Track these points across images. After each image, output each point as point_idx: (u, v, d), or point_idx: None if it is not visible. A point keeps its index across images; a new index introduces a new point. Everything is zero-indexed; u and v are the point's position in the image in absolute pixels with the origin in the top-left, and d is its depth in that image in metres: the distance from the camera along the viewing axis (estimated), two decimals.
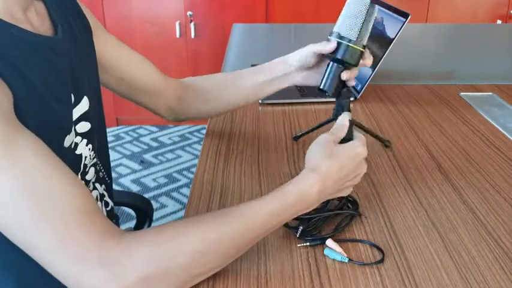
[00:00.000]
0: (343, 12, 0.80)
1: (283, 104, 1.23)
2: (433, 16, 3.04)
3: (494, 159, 0.96)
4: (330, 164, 0.68)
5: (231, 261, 0.64)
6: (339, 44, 0.79)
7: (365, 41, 0.79)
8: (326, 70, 0.81)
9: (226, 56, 1.67)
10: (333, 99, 1.24)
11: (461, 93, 1.31)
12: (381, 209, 0.79)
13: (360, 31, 0.78)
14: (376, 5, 0.81)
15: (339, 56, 0.79)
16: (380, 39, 1.25)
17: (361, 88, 1.25)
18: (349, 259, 0.67)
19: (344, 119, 0.76)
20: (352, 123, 0.77)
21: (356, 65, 0.80)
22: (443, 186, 0.86)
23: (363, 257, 0.68)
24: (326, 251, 0.68)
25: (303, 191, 0.66)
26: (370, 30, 0.79)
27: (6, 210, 0.52)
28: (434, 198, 0.82)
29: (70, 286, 0.54)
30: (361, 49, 0.80)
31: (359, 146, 0.72)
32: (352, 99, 1.25)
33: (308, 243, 0.70)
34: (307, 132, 0.88)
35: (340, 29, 0.79)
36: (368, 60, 0.81)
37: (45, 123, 0.61)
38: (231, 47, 1.80)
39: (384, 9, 1.27)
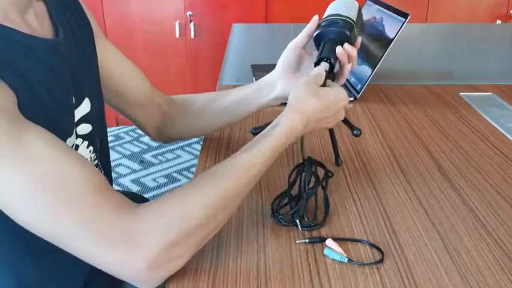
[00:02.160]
0: (336, 5, 0.83)
1: (283, 104, 1.23)
2: (433, 16, 3.05)
3: (494, 159, 0.96)
4: (315, 103, 0.73)
5: (232, 256, 0.65)
6: (343, 21, 0.80)
7: (357, 31, 0.82)
8: (321, 49, 0.81)
9: (226, 56, 1.67)
10: None
11: (461, 93, 1.31)
12: (381, 209, 0.79)
13: (357, 16, 0.81)
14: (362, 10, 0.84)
15: (344, 29, 0.80)
16: (380, 39, 1.25)
17: (361, 88, 1.25)
18: (349, 259, 0.67)
19: (321, 68, 0.79)
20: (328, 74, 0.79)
21: (353, 42, 0.81)
22: (443, 186, 0.86)
23: (363, 257, 0.68)
24: (326, 251, 0.68)
25: (290, 131, 0.71)
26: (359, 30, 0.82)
27: (27, 203, 0.54)
28: (434, 198, 0.82)
29: (98, 265, 0.57)
30: (356, 32, 0.81)
31: (343, 91, 0.77)
32: (351, 99, 1.25)
33: (307, 240, 0.70)
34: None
35: (339, 10, 0.81)
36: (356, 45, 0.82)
37: (47, 127, 0.61)
38: (230, 47, 1.80)
39: (383, 9, 1.27)
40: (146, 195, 2.40)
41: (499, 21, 3.07)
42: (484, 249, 0.70)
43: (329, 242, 0.69)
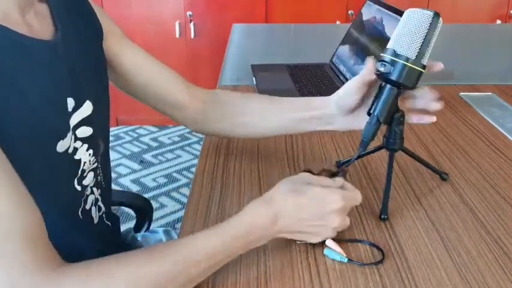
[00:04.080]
0: (400, 24, 0.71)
1: None
2: None
3: (494, 159, 0.96)
4: (288, 197, 0.65)
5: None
6: (393, 63, 0.70)
7: (426, 60, 0.70)
8: (377, 92, 0.74)
9: (226, 56, 1.67)
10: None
11: (461, 93, 1.31)
12: (381, 209, 0.79)
13: (420, 48, 0.69)
14: (440, 17, 0.70)
15: (393, 77, 0.70)
16: (380, 39, 1.25)
17: None
18: (349, 259, 0.67)
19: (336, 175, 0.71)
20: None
21: (413, 87, 0.72)
22: (442, 186, 0.86)
23: (363, 256, 0.68)
24: (326, 251, 0.68)
25: (251, 222, 0.63)
26: (431, 47, 0.70)
27: None
28: (433, 198, 0.82)
29: None
30: (421, 69, 0.70)
31: (334, 193, 0.67)
32: None
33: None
34: (351, 160, 0.80)
35: (395, 45, 0.70)
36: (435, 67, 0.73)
37: (34, 128, 0.60)
38: (230, 47, 1.80)
39: (383, 9, 1.27)
40: (146, 195, 2.40)
41: (499, 21, 3.06)
42: (484, 249, 0.70)
43: (329, 242, 0.69)
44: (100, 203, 0.82)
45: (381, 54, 0.72)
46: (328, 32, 2.15)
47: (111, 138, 2.98)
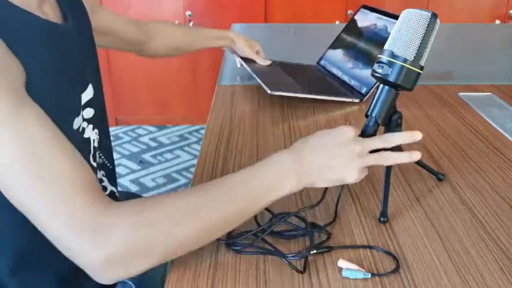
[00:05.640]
0: (397, 25, 0.71)
1: (282, 104, 1.23)
2: None
3: (493, 160, 0.96)
4: (302, 140, 0.72)
5: (231, 255, 0.64)
6: (391, 64, 0.70)
7: (424, 61, 0.71)
8: (375, 94, 0.74)
9: (225, 56, 1.67)
10: (340, 98, 1.24)
11: (460, 94, 1.31)
12: (380, 209, 0.79)
13: (418, 49, 0.69)
14: (437, 18, 0.70)
15: (391, 78, 0.70)
16: (379, 41, 1.25)
17: (367, 91, 1.23)
18: (372, 274, 0.64)
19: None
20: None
21: (412, 88, 0.72)
22: (442, 186, 0.86)
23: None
24: (345, 273, 0.64)
25: (272, 157, 0.69)
26: (429, 48, 0.71)
27: (7, 172, 0.56)
28: (433, 198, 0.82)
29: (60, 248, 0.58)
30: (419, 70, 0.70)
31: (344, 126, 0.71)
32: (356, 100, 1.24)
33: (315, 251, 0.68)
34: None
35: (393, 46, 0.70)
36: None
37: (56, 104, 0.64)
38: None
39: (384, 17, 1.28)
40: (145, 195, 2.40)
41: (498, 22, 3.07)
42: (483, 249, 0.70)
43: (341, 262, 0.66)
44: (106, 183, 0.88)
45: (378, 56, 0.72)
46: (327, 32, 2.15)
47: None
